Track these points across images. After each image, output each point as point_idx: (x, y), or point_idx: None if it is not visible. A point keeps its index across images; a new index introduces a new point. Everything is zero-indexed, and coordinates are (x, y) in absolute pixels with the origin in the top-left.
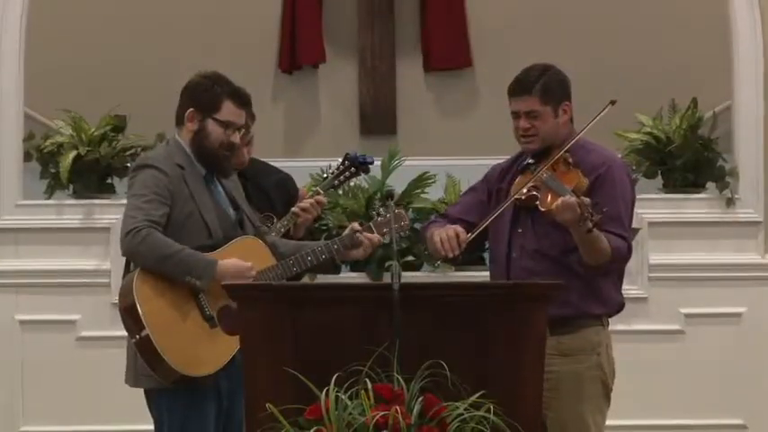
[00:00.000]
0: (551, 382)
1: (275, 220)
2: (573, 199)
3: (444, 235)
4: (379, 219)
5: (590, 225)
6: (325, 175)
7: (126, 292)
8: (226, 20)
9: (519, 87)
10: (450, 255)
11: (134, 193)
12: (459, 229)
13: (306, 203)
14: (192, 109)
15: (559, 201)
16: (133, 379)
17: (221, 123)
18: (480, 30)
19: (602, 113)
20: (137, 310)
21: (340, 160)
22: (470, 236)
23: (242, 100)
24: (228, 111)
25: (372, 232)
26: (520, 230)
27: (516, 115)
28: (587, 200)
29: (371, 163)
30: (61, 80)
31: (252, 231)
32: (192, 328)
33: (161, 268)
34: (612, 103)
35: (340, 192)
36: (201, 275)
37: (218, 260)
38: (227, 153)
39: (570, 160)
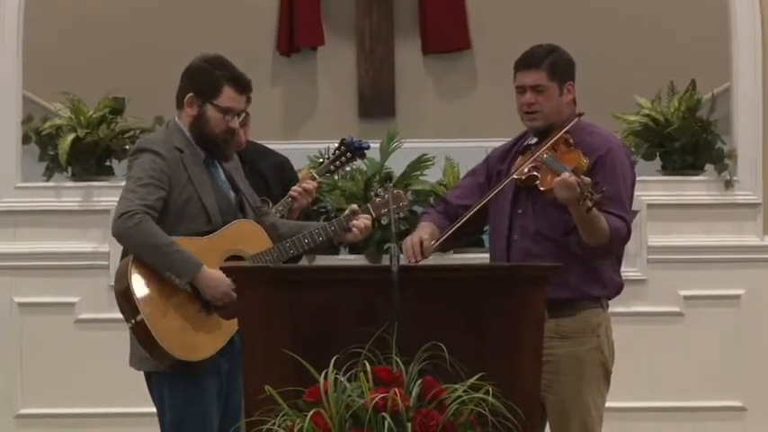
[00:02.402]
0: (551, 365)
1: (270, 204)
2: (573, 177)
3: (409, 242)
4: (377, 200)
5: (589, 204)
6: (321, 161)
7: (121, 277)
8: (224, 2)
9: (527, 61)
10: (413, 261)
11: (133, 176)
12: (425, 236)
13: (301, 188)
14: (191, 94)
15: (559, 178)
16: (137, 362)
17: (221, 109)
18: (479, 12)
19: (567, 127)
20: (132, 294)
21: (336, 145)
22: (435, 244)
23: (242, 86)
24: (228, 97)
25: (370, 213)
26: (520, 211)
27: (522, 90)
28: (587, 179)
29: (367, 148)
30: (60, 62)
31: (252, 214)
32: (187, 313)
33: (146, 257)
34: (580, 115)
35: (337, 177)
36: (182, 275)
37: (203, 265)
38: (227, 138)
39: (571, 141)
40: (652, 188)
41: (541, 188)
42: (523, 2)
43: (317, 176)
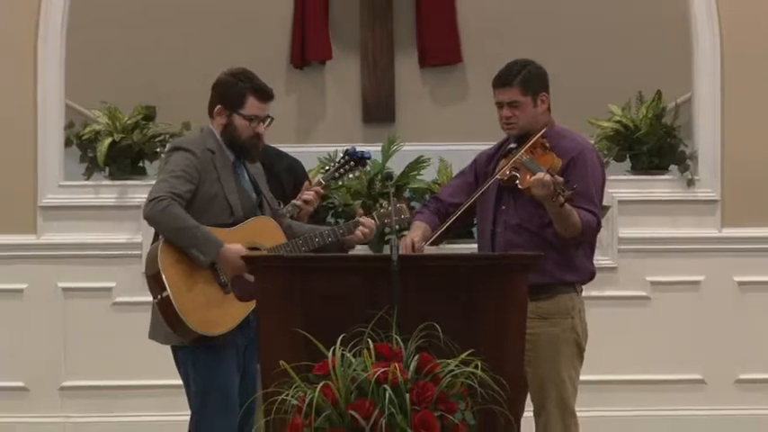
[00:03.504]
0: (531, 343)
1: (282, 204)
2: (547, 177)
3: (402, 245)
4: (381, 210)
5: (562, 200)
6: (326, 168)
7: (151, 259)
8: (245, 21)
9: (501, 80)
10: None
11: (167, 168)
12: (417, 238)
13: (308, 196)
14: (220, 105)
15: (535, 177)
16: (163, 338)
17: (246, 117)
18: (469, 29)
19: (537, 137)
20: (160, 274)
21: (341, 155)
22: (425, 244)
23: (264, 95)
24: (252, 106)
25: (375, 220)
26: (503, 207)
27: (500, 105)
28: (560, 178)
29: (369, 158)
30: (98, 75)
31: (270, 213)
32: (207, 292)
33: (173, 237)
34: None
35: (341, 183)
36: (206, 252)
37: (224, 243)
38: (253, 142)
39: (547, 144)
40: (622, 186)
41: (520, 186)
42: (509, 20)
43: (323, 182)
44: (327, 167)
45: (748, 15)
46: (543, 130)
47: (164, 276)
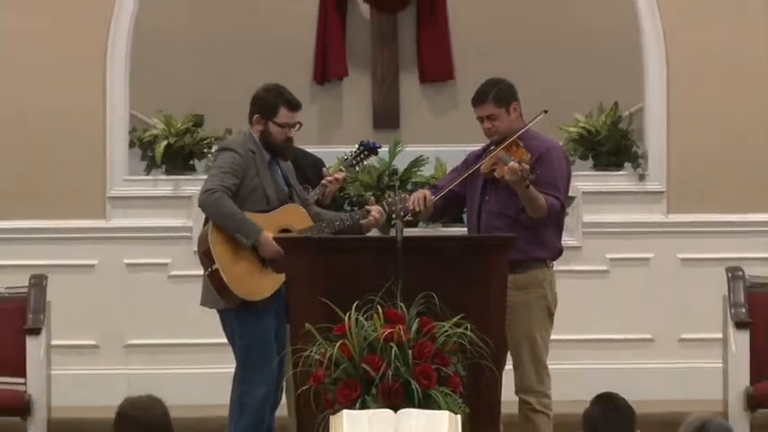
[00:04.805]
0: (509, 308)
1: (310, 190)
2: (516, 165)
3: (416, 195)
4: (389, 199)
5: (527, 183)
6: (345, 157)
7: (203, 239)
8: (276, 45)
9: (478, 99)
10: (417, 209)
11: (217, 165)
12: (428, 193)
13: (332, 178)
14: (257, 115)
15: (507, 166)
16: (212, 303)
17: (279, 125)
18: (459, 53)
19: (537, 119)
20: (210, 251)
21: (356, 146)
22: (436, 197)
23: (293, 106)
24: (284, 115)
25: (384, 208)
26: (486, 198)
27: (481, 119)
28: (527, 167)
29: (380, 147)
30: (157, 89)
31: (299, 201)
32: (249, 266)
33: (222, 222)
34: (545, 111)
35: (357, 169)
36: (248, 236)
37: (263, 230)
38: (286, 144)
39: (520, 143)
40: (586, 180)
41: (497, 175)
42: (492, 46)
43: (343, 169)
44: (346, 156)
45: (690, 37)
46: (518, 133)
47: (213, 253)
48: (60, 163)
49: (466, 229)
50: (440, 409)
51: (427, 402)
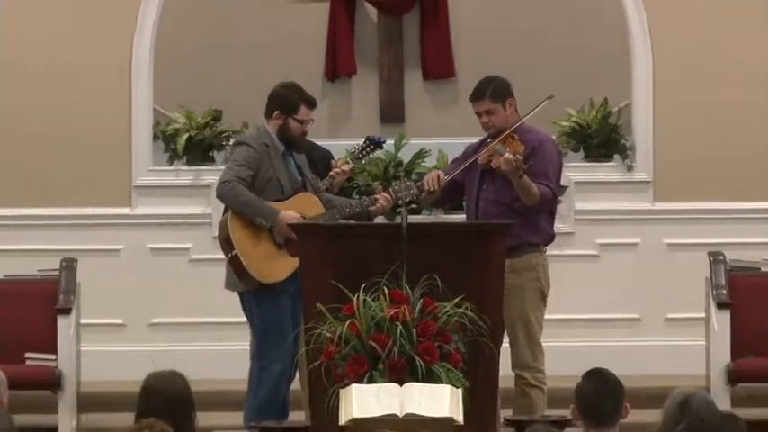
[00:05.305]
0: (506, 290)
1: (319, 180)
2: (510, 156)
3: (429, 176)
4: (395, 186)
5: (521, 172)
6: (352, 151)
7: (223, 226)
8: (290, 44)
9: (476, 95)
10: (432, 188)
11: (233, 159)
12: (441, 173)
13: (339, 169)
14: (278, 111)
15: (502, 157)
16: (232, 285)
17: (298, 121)
18: (460, 52)
19: (542, 104)
20: (230, 237)
21: (363, 140)
22: (447, 178)
23: (312, 104)
24: (303, 112)
25: (390, 195)
26: (484, 187)
27: (479, 114)
28: (520, 157)
29: (384, 142)
30: (178, 86)
31: (311, 190)
32: (266, 251)
33: (240, 210)
34: (550, 97)
35: (363, 162)
36: (267, 218)
37: (280, 211)
38: (302, 138)
39: (515, 136)
40: (577, 171)
41: (493, 166)
42: (491, 45)
43: (350, 161)
44: (353, 150)
45: (675, 37)
46: (513, 127)
47: (233, 239)
48: (90, 155)
49: (465, 216)
50: (442, 383)
51: (430, 377)
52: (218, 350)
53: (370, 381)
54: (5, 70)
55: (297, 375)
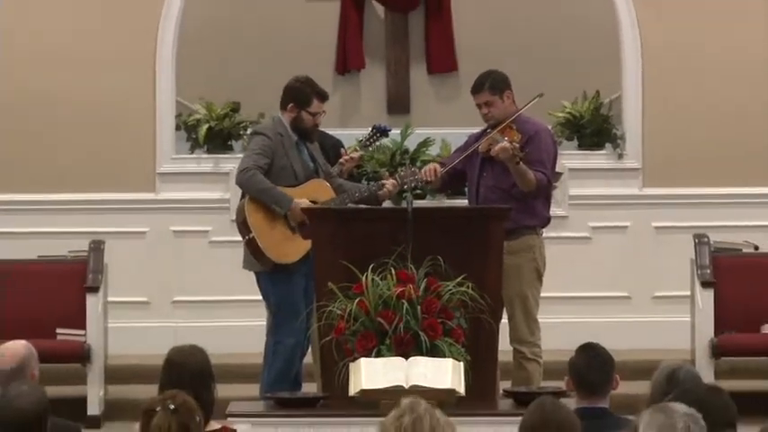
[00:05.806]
0: (504, 271)
1: (330, 167)
2: (507, 144)
3: (427, 167)
4: (401, 172)
5: (517, 160)
6: (360, 139)
7: (240, 211)
8: (303, 40)
9: (476, 88)
10: (429, 179)
11: (250, 148)
12: (438, 166)
13: (348, 157)
14: (292, 104)
15: (499, 145)
16: (249, 265)
17: (311, 113)
18: (462, 46)
19: (533, 101)
20: (246, 221)
21: (370, 129)
22: (444, 170)
23: (324, 97)
24: (316, 105)
25: (396, 180)
26: (484, 174)
27: (479, 106)
28: (517, 145)
29: (390, 130)
30: (199, 78)
31: (323, 176)
32: (281, 233)
33: (258, 196)
34: (540, 95)
35: (371, 149)
36: (282, 205)
37: (294, 198)
38: (314, 129)
39: (513, 126)
40: (572, 158)
41: (492, 154)
42: (491, 40)
43: (359, 149)
44: (361, 138)
45: (663, 31)
46: (511, 118)
47: (249, 222)
48: (117, 144)
49: (467, 201)
50: (445, 357)
51: (434, 351)
52: (236, 326)
53: (378, 355)
54: (41, 65)
55: (309, 350)
